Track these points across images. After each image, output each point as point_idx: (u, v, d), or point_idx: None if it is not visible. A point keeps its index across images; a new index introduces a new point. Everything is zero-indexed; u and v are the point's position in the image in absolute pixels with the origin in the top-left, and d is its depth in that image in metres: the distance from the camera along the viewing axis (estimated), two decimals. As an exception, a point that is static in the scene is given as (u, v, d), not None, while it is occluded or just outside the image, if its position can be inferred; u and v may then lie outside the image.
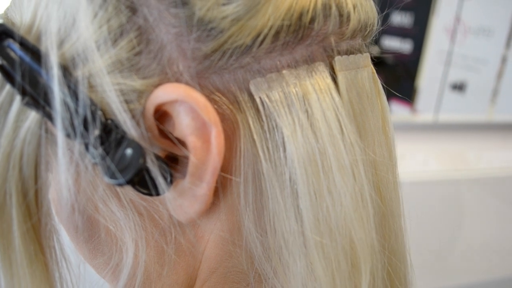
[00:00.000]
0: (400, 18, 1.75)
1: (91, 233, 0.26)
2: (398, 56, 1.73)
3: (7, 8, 0.24)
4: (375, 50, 0.27)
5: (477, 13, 1.60)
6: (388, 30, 1.75)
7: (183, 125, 0.21)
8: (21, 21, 0.22)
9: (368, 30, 0.25)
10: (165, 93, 0.20)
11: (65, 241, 0.26)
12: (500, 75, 1.63)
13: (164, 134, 0.22)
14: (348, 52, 0.24)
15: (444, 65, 1.70)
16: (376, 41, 0.28)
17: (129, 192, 0.23)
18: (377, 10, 0.26)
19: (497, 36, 1.58)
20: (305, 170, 0.21)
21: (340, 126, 0.22)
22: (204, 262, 0.26)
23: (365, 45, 0.26)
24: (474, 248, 1.25)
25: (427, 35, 1.70)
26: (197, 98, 0.20)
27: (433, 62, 1.73)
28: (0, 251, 0.24)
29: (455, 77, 1.68)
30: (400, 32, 1.74)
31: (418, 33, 1.70)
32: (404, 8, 1.68)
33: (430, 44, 1.72)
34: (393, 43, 1.78)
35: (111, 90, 0.20)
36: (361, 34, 0.25)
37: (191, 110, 0.21)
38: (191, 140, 0.21)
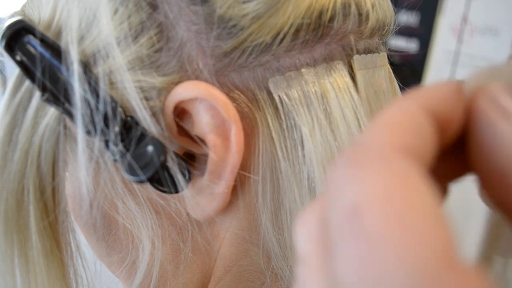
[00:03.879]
0: (406, 17, 1.74)
1: (108, 231, 0.26)
2: (404, 55, 1.73)
3: (24, 5, 0.24)
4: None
5: (484, 13, 1.59)
6: (395, 29, 1.75)
7: (202, 122, 0.21)
8: (39, 17, 0.22)
9: (385, 29, 0.25)
10: (185, 91, 0.20)
11: (81, 238, 0.27)
12: (506, 75, 1.62)
13: (183, 132, 0.22)
14: (366, 51, 0.24)
15: (451, 65, 1.69)
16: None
17: (147, 189, 0.23)
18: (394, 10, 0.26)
19: (504, 36, 1.57)
20: (324, 168, 0.21)
21: (359, 124, 0.22)
22: (219, 260, 0.26)
23: (382, 44, 0.26)
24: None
25: (434, 35, 1.69)
26: (217, 95, 0.20)
27: (440, 61, 1.73)
28: (17, 247, 0.24)
29: (462, 76, 1.67)
30: (406, 32, 1.73)
31: (424, 33, 1.69)
32: (410, 7, 1.67)
33: (436, 44, 1.71)
34: (399, 43, 1.78)
35: (131, 87, 0.20)
36: (379, 33, 0.25)
37: (211, 107, 0.21)
38: (211, 138, 0.21)
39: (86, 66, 0.20)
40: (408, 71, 1.79)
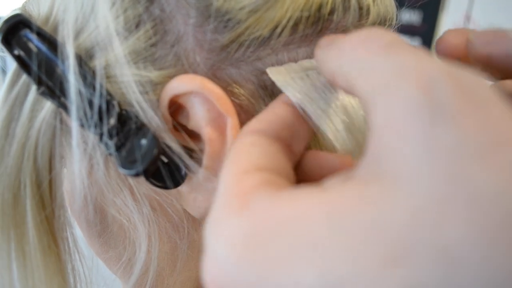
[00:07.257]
0: (408, 16, 1.73)
1: (104, 227, 0.26)
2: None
3: (25, 2, 0.24)
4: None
5: (487, 11, 1.58)
6: (397, 27, 1.73)
7: (198, 116, 0.21)
8: (38, 13, 0.22)
9: (387, 24, 0.25)
10: (180, 85, 0.20)
11: (78, 233, 0.26)
12: (510, 74, 1.61)
13: (179, 127, 0.22)
14: None
15: (453, 63, 1.68)
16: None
17: (142, 185, 0.23)
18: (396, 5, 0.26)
19: (507, 34, 1.56)
20: None
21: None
22: None
23: None
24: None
25: (437, 33, 1.68)
26: (213, 89, 0.20)
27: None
28: (13, 242, 0.24)
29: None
30: (409, 30, 1.73)
31: (427, 31, 1.68)
32: (413, 6, 1.66)
33: (439, 42, 1.70)
34: (401, 41, 1.77)
35: (129, 81, 0.20)
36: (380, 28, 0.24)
37: (206, 101, 0.20)
38: (207, 132, 0.21)
39: (82, 60, 0.20)
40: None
